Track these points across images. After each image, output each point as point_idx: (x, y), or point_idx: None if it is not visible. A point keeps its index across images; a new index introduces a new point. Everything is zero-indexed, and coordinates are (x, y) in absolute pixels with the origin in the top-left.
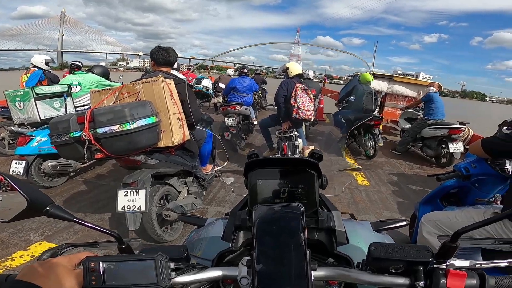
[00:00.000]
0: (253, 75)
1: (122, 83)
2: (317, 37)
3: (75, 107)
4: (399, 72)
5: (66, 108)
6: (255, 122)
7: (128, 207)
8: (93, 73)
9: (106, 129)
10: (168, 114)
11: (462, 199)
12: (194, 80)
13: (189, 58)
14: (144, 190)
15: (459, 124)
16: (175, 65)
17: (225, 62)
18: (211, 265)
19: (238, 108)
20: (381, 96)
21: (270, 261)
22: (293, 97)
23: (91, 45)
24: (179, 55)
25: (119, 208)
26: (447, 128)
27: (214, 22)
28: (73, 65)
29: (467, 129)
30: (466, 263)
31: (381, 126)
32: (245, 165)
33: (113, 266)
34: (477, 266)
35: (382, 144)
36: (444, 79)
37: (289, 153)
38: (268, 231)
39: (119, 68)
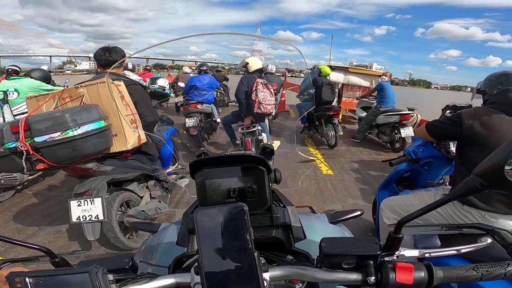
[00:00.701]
0: (214, 72)
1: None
2: (277, 32)
3: (14, 116)
4: (354, 63)
5: (3, 117)
6: (218, 120)
7: (84, 217)
8: (31, 77)
9: (46, 137)
10: (119, 117)
11: (414, 182)
12: (148, 80)
13: (146, 58)
14: (100, 199)
15: (408, 110)
16: (130, 66)
17: (185, 60)
18: (168, 272)
19: (199, 106)
20: (339, 87)
21: (217, 266)
22: (254, 92)
23: (32, 48)
24: (136, 55)
25: (74, 219)
26: (398, 115)
27: (173, 20)
28: (9, 70)
29: (415, 114)
30: (415, 252)
31: (340, 116)
32: (190, 166)
33: (41, 281)
34: (426, 255)
35: (342, 133)
36: (394, 69)
37: (253, 149)
38: (212, 234)
39: (66, 72)
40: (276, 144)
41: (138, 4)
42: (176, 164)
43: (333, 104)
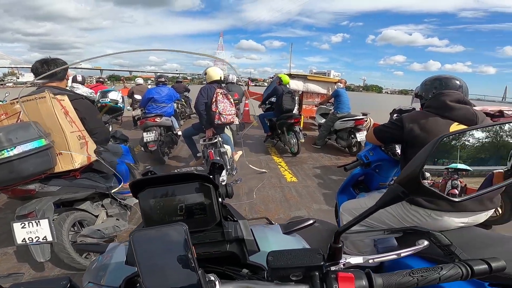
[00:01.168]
0: (175, 83)
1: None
2: (240, 41)
3: None
4: (314, 71)
5: None
6: (179, 133)
7: (30, 239)
8: None
9: None
10: (64, 135)
11: (369, 184)
12: (98, 93)
13: (100, 69)
14: (47, 220)
15: (362, 115)
16: (79, 78)
17: (144, 72)
18: None
19: (158, 119)
20: (299, 95)
21: (162, 287)
22: (214, 103)
23: None
24: (87, 66)
25: (19, 241)
26: (353, 120)
27: (131, 30)
28: None
29: (369, 119)
30: (360, 259)
31: (301, 124)
32: (130, 186)
33: None
34: (370, 261)
35: (303, 140)
36: (349, 75)
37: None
38: (152, 256)
39: (7, 84)
40: (238, 154)
41: (91, 13)
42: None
43: (294, 112)
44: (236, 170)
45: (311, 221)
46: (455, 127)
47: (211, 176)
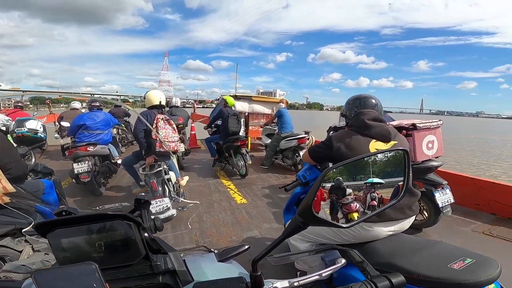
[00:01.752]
0: (113, 107)
1: None
2: (187, 61)
3: None
4: (261, 90)
5: None
6: (119, 161)
7: None
8: None
9: None
10: None
11: None
12: (14, 122)
13: (21, 91)
14: None
15: (304, 134)
16: None
17: (78, 93)
18: None
19: (91, 148)
20: (245, 116)
21: None
22: (155, 130)
23: None
24: (7, 87)
25: None
26: (296, 139)
27: (61, 48)
28: None
29: (310, 137)
30: (286, 283)
31: (249, 145)
32: (35, 227)
33: None
34: (295, 284)
35: (250, 162)
36: (293, 94)
37: (159, 188)
38: None
39: None
40: (185, 180)
41: (15, 29)
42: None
43: (240, 134)
44: (183, 196)
45: (246, 247)
46: (373, 143)
47: (136, 213)
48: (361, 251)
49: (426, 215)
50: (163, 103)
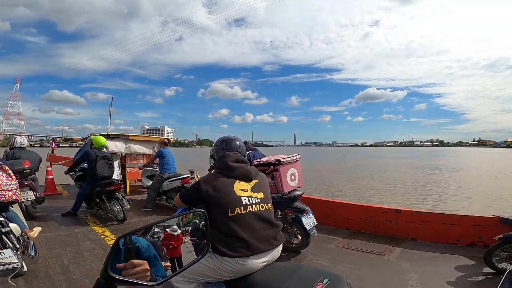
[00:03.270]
0: None
1: None
2: (50, 91)
3: None
4: (147, 127)
5: None
6: None
7: None
8: None
9: None
10: None
11: None
12: None
13: None
14: None
15: (190, 173)
16: None
17: None
18: None
19: None
20: (121, 157)
21: None
22: None
23: None
24: None
25: None
26: (179, 179)
27: None
28: None
29: (196, 175)
30: None
31: (127, 189)
32: None
33: None
34: None
35: (128, 206)
36: (183, 131)
37: None
38: None
39: None
40: (36, 230)
41: None
42: None
43: (114, 177)
44: (34, 249)
45: None
46: (237, 184)
47: None
48: (243, 284)
49: (300, 238)
50: None
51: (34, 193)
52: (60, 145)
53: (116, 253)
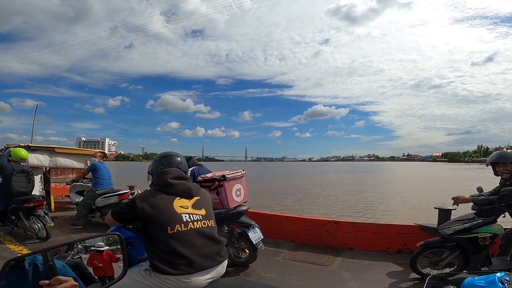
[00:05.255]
0: None
1: None
2: None
3: None
4: (84, 139)
5: None
6: None
7: None
8: None
9: None
10: None
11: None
12: None
13: None
14: None
15: (129, 188)
16: None
17: None
18: None
19: None
20: (45, 171)
21: None
22: None
23: None
24: None
25: None
26: (116, 195)
27: None
28: None
29: (136, 191)
30: None
31: (52, 205)
32: None
33: None
34: None
35: (52, 224)
36: (126, 144)
37: None
38: None
39: None
40: None
41: None
42: None
43: (34, 193)
44: None
45: None
46: (177, 201)
47: None
48: None
49: (248, 253)
50: None
51: None
52: None
53: (22, 273)
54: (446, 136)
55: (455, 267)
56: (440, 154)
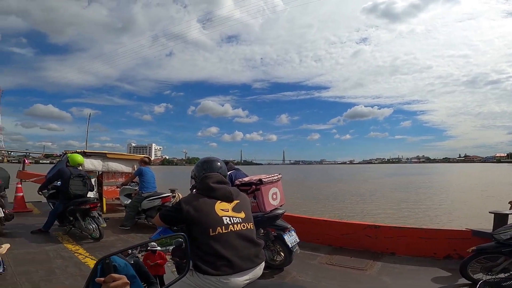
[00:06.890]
0: None
1: None
2: (35, 105)
3: None
4: (134, 145)
5: None
6: None
7: None
8: None
9: None
10: None
11: None
12: None
13: None
14: None
15: (171, 191)
16: None
17: None
18: None
19: None
20: (98, 175)
21: None
22: None
23: None
24: None
25: None
26: (159, 198)
27: None
28: None
29: (177, 194)
30: None
31: (104, 207)
32: None
33: None
34: None
35: (105, 225)
36: (171, 149)
37: None
38: None
39: None
40: (5, 247)
41: None
42: None
43: (89, 196)
44: (2, 266)
45: None
46: (218, 204)
47: None
48: None
49: (283, 256)
50: None
51: (3, 210)
52: (40, 161)
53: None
54: (508, 134)
55: (510, 273)
56: (505, 155)
